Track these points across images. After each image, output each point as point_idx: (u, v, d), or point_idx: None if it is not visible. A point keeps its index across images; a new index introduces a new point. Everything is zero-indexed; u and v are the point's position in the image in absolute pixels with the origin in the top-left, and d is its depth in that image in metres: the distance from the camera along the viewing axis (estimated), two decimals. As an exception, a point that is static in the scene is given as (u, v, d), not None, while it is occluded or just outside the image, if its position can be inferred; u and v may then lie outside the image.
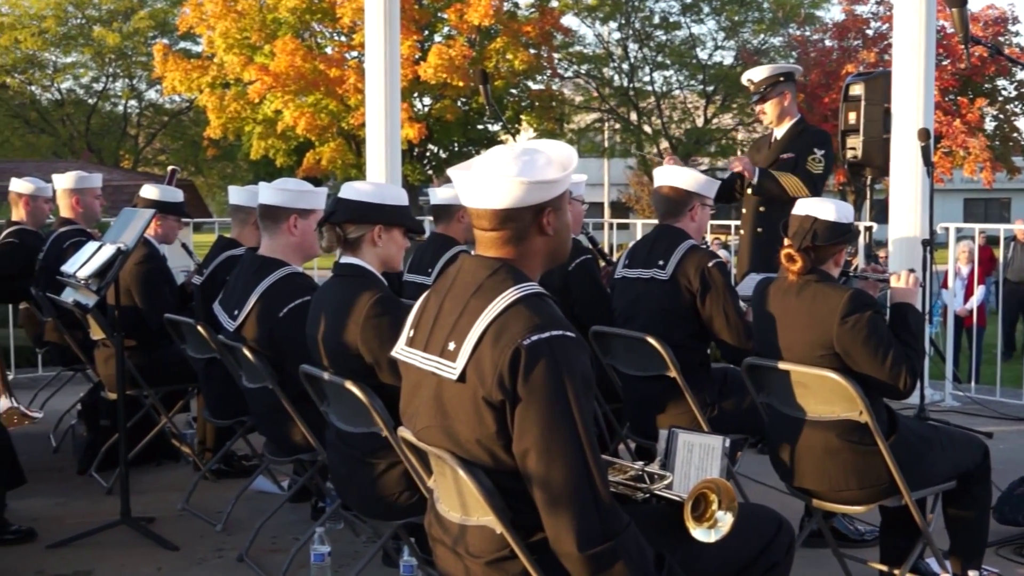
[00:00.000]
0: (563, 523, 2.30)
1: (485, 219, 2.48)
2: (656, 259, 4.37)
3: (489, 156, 2.51)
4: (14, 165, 24.24)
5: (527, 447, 2.32)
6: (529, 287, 2.43)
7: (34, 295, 5.93)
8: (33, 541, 4.52)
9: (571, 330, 2.38)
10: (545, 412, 2.30)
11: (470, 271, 2.51)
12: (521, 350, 2.30)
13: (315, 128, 23.93)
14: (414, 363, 2.56)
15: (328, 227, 3.59)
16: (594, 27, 29.76)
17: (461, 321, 2.43)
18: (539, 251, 2.52)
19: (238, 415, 4.76)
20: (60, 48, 35.17)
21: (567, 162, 2.52)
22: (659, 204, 4.51)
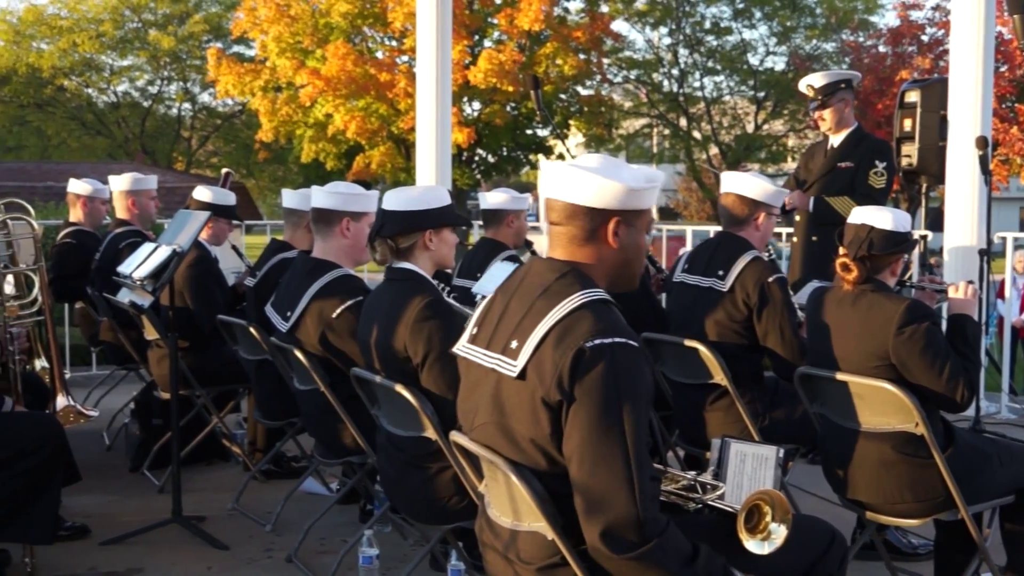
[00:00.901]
0: (596, 529, 2.27)
1: (554, 211, 2.51)
2: (716, 268, 4.31)
3: (583, 156, 2.54)
4: (70, 166, 24.67)
5: (572, 448, 2.31)
6: (596, 293, 2.43)
7: (90, 295, 6.01)
8: (86, 538, 4.58)
9: (635, 339, 2.37)
10: (594, 415, 2.29)
11: (539, 273, 2.52)
12: (583, 351, 2.30)
13: (365, 132, 24.10)
14: (475, 360, 2.57)
15: (380, 241, 3.61)
16: (644, 32, 29.85)
17: (525, 321, 2.44)
18: (605, 261, 2.51)
19: (288, 416, 4.79)
20: (116, 51, 35.75)
21: (651, 179, 2.52)
22: (723, 212, 4.45)
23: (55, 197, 19.27)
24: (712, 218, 29.80)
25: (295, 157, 27.93)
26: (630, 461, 2.27)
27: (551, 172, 2.51)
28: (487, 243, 5.43)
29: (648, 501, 2.28)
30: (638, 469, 2.28)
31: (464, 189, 25.95)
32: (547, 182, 2.52)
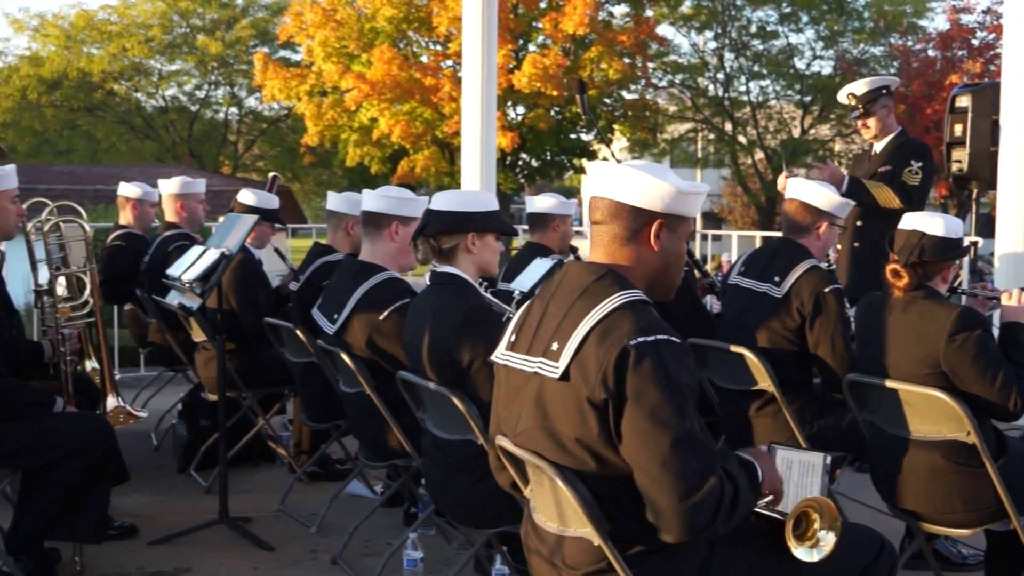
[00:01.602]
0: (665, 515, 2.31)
1: (598, 210, 2.52)
2: (772, 274, 4.28)
3: (633, 162, 2.56)
4: (119, 170, 24.98)
5: (630, 447, 2.32)
6: (634, 293, 2.44)
7: (139, 297, 6.08)
8: (135, 537, 4.63)
9: (676, 335, 2.38)
10: (647, 412, 2.30)
11: (575, 276, 2.53)
12: (628, 350, 2.31)
13: (410, 136, 24.18)
14: (516, 366, 2.57)
15: (422, 240, 3.63)
16: (690, 36, 29.70)
17: (565, 323, 2.44)
18: (645, 264, 2.51)
19: (334, 419, 4.82)
20: (165, 56, 36.16)
21: (697, 188, 2.53)
22: (786, 218, 4.41)
23: (104, 200, 19.53)
24: (756, 224, 29.61)
25: (340, 161, 28.08)
26: (684, 451, 2.29)
27: (599, 170, 2.53)
28: (532, 247, 5.43)
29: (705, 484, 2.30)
30: (693, 453, 2.30)
31: (508, 193, 25.97)
32: (594, 180, 2.54)
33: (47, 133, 35.74)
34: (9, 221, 4.11)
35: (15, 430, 3.96)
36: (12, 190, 4.13)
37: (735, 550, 2.51)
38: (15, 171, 4.22)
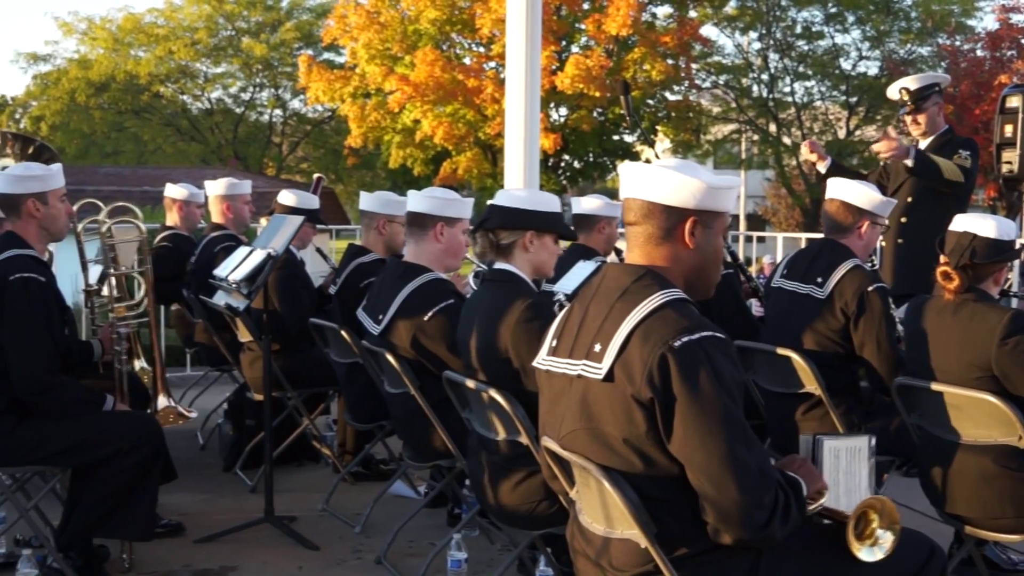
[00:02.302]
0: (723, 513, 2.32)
1: (632, 211, 2.52)
2: (815, 275, 4.24)
3: (664, 158, 2.55)
4: (166, 171, 25.28)
5: (681, 446, 2.32)
6: (675, 292, 2.44)
7: (186, 297, 6.14)
8: (182, 535, 4.68)
9: (719, 332, 2.38)
10: (697, 411, 2.30)
11: (614, 278, 2.52)
12: (673, 351, 2.31)
13: (452, 137, 24.24)
14: (558, 371, 2.57)
15: (481, 233, 3.64)
16: (734, 37, 29.43)
17: (607, 324, 2.44)
18: (682, 262, 2.50)
19: (378, 419, 4.84)
20: (211, 59, 36.50)
21: (728, 182, 2.52)
22: (827, 218, 4.38)
23: (151, 201, 19.74)
24: (800, 226, 29.35)
25: (383, 162, 28.21)
26: (739, 448, 2.30)
27: (629, 171, 2.53)
28: (577, 249, 5.42)
29: (764, 475, 2.32)
30: (747, 449, 2.31)
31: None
32: (625, 181, 2.54)
33: (95, 135, 36.21)
34: (60, 220, 4.16)
35: (66, 428, 4.01)
36: (60, 189, 4.18)
37: (783, 554, 2.48)
38: (62, 170, 4.28)
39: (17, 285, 3.87)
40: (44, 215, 4.09)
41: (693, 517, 2.39)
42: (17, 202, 4.06)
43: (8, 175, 4.12)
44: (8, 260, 3.94)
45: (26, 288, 3.89)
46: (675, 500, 2.39)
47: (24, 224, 4.07)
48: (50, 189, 4.11)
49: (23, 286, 3.88)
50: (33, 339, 3.88)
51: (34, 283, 3.92)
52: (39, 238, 4.11)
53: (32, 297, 3.90)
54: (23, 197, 4.05)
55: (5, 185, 4.07)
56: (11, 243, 4.03)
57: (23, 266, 3.93)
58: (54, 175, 4.17)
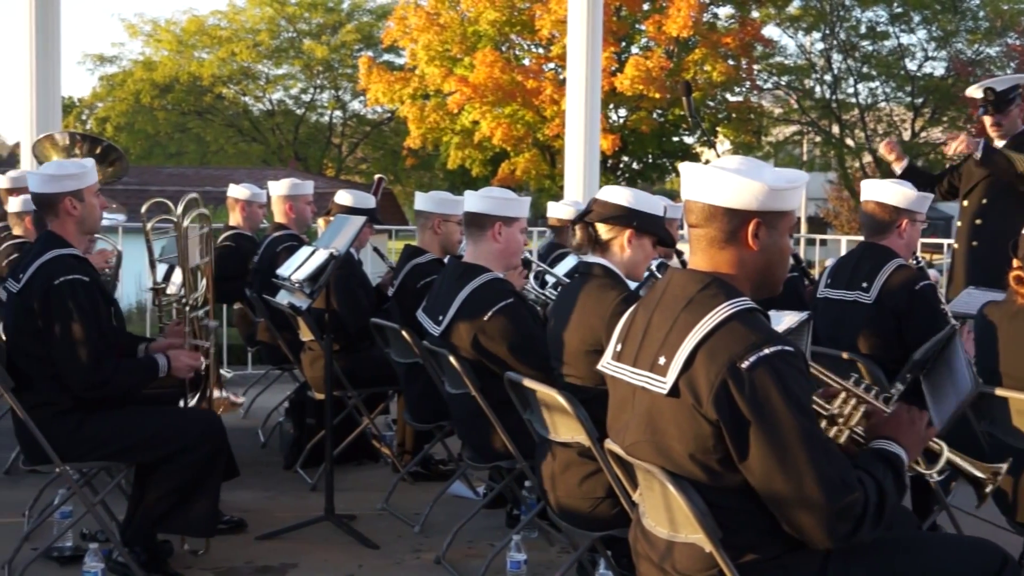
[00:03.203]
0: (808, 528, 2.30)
1: (693, 213, 2.48)
2: (860, 280, 4.19)
3: (724, 158, 2.51)
4: (227, 172, 25.58)
5: (755, 465, 2.28)
6: (741, 302, 2.39)
7: (248, 296, 6.20)
8: (244, 532, 4.71)
9: (789, 343, 2.33)
10: (771, 430, 2.26)
11: (680, 285, 2.48)
12: (741, 372, 2.27)
13: (511, 139, 24.26)
14: (622, 378, 2.55)
15: (581, 225, 3.63)
16: (796, 37, 29.12)
17: (672, 336, 2.40)
18: (747, 265, 2.46)
19: (437, 419, 4.85)
20: (272, 60, 36.88)
21: (793, 179, 2.47)
22: (865, 221, 4.33)
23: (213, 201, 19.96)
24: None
25: (441, 163, 28.32)
26: (820, 463, 2.26)
27: (690, 173, 2.49)
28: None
29: (847, 492, 2.27)
30: (828, 463, 2.27)
31: (608, 196, 25.82)
32: (686, 183, 2.49)
33: (159, 136, 36.74)
34: (95, 215, 4.19)
35: (131, 425, 4.07)
36: (95, 185, 4.20)
37: (851, 560, 2.45)
38: (95, 167, 4.32)
39: (63, 289, 3.92)
40: (80, 212, 4.12)
41: (759, 524, 2.36)
42: (54, 201, 4.09)
43: (44, 175, 4.15)
44: (51, 262, 3.98)
45: (72, 291, 3.93)
46: (741, 508, 2.37)
47: (62, 222, 4.11)
48: (85, 186, 4.14)
49: (69, 289, 3.93)
50: (83, 338, 3.92)
51: (78, 284, 3.96)
52: (77, 234, 4.14)
53: (78, 299, 3.94)
54: (60, 196, 4.08)
55: (42, 185, 4.11)
56: (51, 243, 4.07)
57: (66, 267, 3.97)
58: (88, 171, 4.19)
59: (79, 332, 3.91)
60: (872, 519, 2.31)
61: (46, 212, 4.15)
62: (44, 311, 3.92)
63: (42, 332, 3.93)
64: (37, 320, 3.93)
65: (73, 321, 3.91)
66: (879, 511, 2.32)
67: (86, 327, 3.93)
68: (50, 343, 3.92)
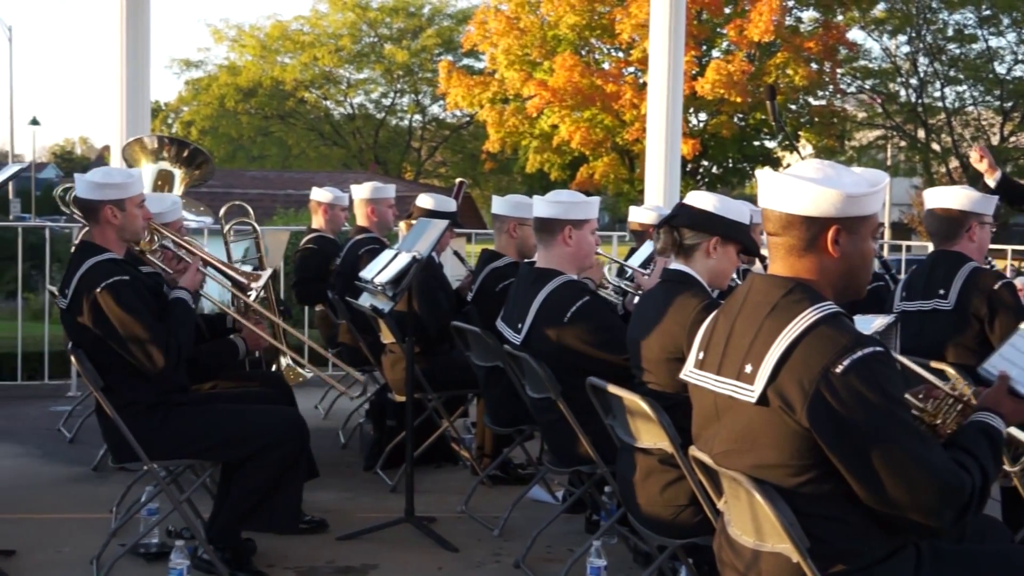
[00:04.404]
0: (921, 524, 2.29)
1: (771, 222, 2.44)
2: (936, 288, 4.10)
3: (800, 164, 2.46)
4: (309, 175, 25.95)
5: (865, 467, 2.25)
6: (827, 307, 2.34)
7: (330, 298, 6.26)
8: (325, 532, 4.75)
9: (879, 344, 2.29)
10: (877, 431, 2.23)
11: (762, 291, 2.44)
12: (834, 378, 2.23)
13: (590, 143, 24.22)
14: (706, 386, 2.51)
15: (666, 230, 3.60)
16: (881, 41, 28.60)
17: (757, 343, 2.36)
18: (828, 272, 2.41)
19: (518, 423, 4.84)
20: (354, 65, 37.35)
21: (873, 183, 2.41)
22: (932, 227, 4.26)
23: (295, 204, 20.28)
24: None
25: (520, 167, 28.39)
26: (924, 455, 2.24)
27: (766, 181, 2.45)
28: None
29: (952, 478, 2.26)
30: (933, 457, 2.26)
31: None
32: (763, 192, 2.45)
33: (242, 140, 37.40)
34: (136, 225, 4.24)
35: (216, 423, 4.14)
36: (139, 196, 4.25)
37: (944, 568, 2.41)
38: (141, 177, 4.38)
39: (107, 293, 3.99)
40: (121, 221, 4.17)
41: (849, 533, 2.32)
42: (96, 207, 4.15)
43: (89, 181, 4.21)
44: (90, 271, 4.05)
45: (115, 292, 3.99)
46: (830, 516, 2.33)
47: (102, 229, 4.17)
48: (128, 196, 4.18)
49: (113, 293, 3.99)
50: (143, 331, 3.98)
51: (119, 284, 4.02)
52: (116, 241, 4.20)
53: (123, 298, 4.00)
54: (102, 203, 4.14)
55: (85, 191, 4.18)
56: (88, 252, 4.13)
57: (105, 272, 4.03)
58: (134, 182, 4.25)
59: (137, 328, 3.98)
60: (977, 502, 2.31)
61: (87, 217, 4.24)
62: (96, 321, 3.99)
63: (103, 339, 4.00)
64: (93, 331, 4.00)
65: (128, 320, 3.97)
66: (983, 492, 2.33)
67: (143, 321, 3.99)
68: (117, 346, 4.00)
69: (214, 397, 4.42)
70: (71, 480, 5.65)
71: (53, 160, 65.59)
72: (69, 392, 7.83)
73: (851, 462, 2.26)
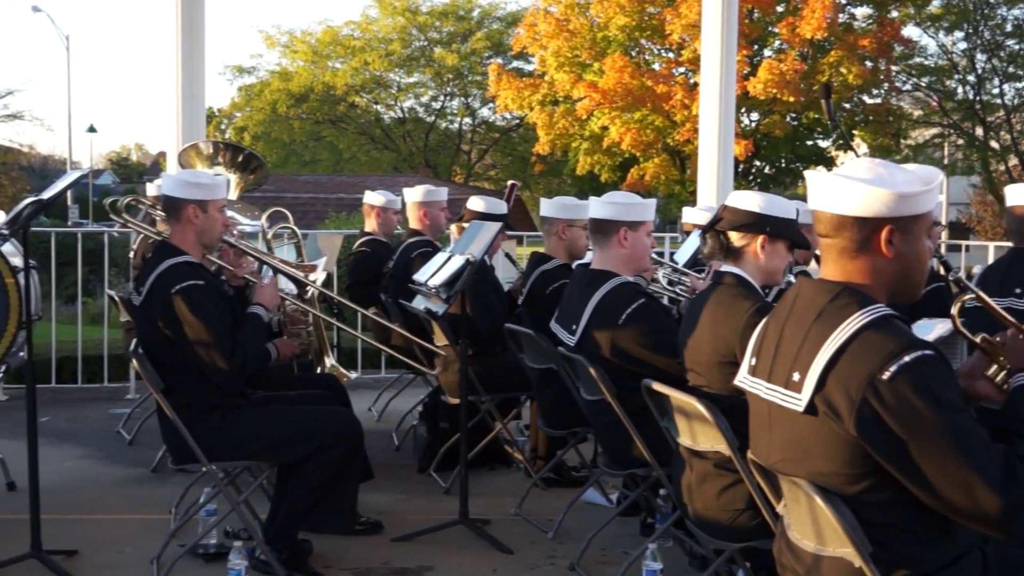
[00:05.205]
0: (984, 528, 2.23)
1: (822, 223, 2.40)
2: (1012, 287, 4.02)
3: (850, 164, 2.42)
4: (360, 179, 26.11)
5: (922, 474, 2.20)
6: (875, 310, 2.29)
7: (383, 301, 6.28)
8: (380, 533, 4.77)
9: (929, 347, 2.23)
10: (930, 437, 2.17)
11: (808, 296, 2.41)
12: (881, 385, 2.18)
13: (640, 144, 24.14)
14: (758, 393, 2.49)
15: (711, 234, 3.57)
16: (937, 37, 28.19)
17: (804, 350, 2.33)
18: (881, 273, 2.37)
19: (572, 426, 4.83)
20: (404, 69, 37.52)
21: (927, 180, 2.37)
22: (1012, 225, 4.17)
23: (346, 208, 20.43)
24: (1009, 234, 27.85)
25: (570, 169, 28.37)
26: (982, 459, 2.17)
27: (815, 182, 2.41)
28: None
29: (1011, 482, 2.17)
30: (990, 460, 2.17)
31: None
32: (812, 193, 2.41)
33: (294, 144, 37.72)
34: (215, 230, 4.29)
35: (273, 425, 4.18)
36: (221, 200, 4.30)
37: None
38: (225, 183, 4.42)
39: (181, 297, 4.03)
40: (201, 223, 4.22)
41: (912, 540, 2.29)
42: (179, 206, 4.21)
43: (175, 178, 4.28)
44: (165, 272, 4.10)
45: (189, 297, 4.04)
46: (892, 523, 2.29)
47: (182, 229, 4.22)
48: (211, 199, 4.23)
49: (186, 296, 4.04)
50: (211, 337, 4.03)
51: (193, 289, 4.07)
52: (195, 245, 4.24)
53: (196, 303, 4.05)
54: (185, 202, 4.19)
55: (171, 188, 4.23)
56: (166, 253, 4.18)
57: (180, 275, 4.08)
58: (218, 186, 4.30)
59: (206, 334, 4.03)
60: None
61: (169, 215, 4.28)
62: (167, 322, 4.05)
63: (172, 340, 4.06)
64: (164, 331, 4.06)
65: (198, 325, 4.03)
66: None
67: (212, 327, 4.04)
68: (184, 349, 4.05)
69: (271, 399, 4.46)
70: (131, 481, 5.73)
71: (109, 166, 66.68)
72: (128, 395, 7.95)
73: (907, 470, 2.21)
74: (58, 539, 4.45)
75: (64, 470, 5.91)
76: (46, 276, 7.70)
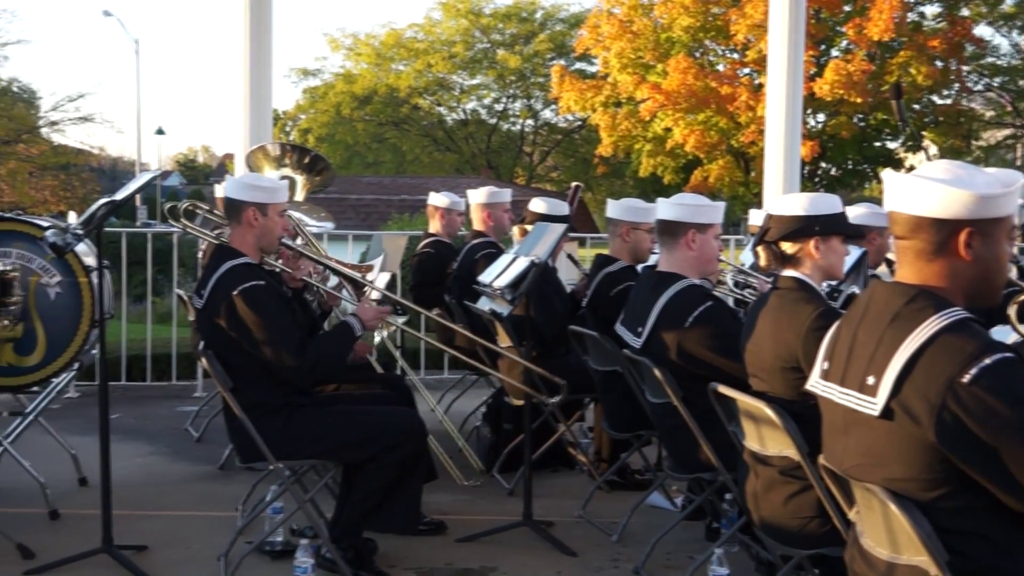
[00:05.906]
0: None
1: (898, 224, 2.36)
2: None
3: (929, 165, 2.37)
4: (422, 181, 26.28)
5: (1006, 481, 2.15)
6: (952, 313, 2.24)
7: (447, 302, 6.30)
8: (444, 534, 4.78)
9: (1010, 349, 2.18)
10: (1013, 441, 2.11)
11: (883, 299, 2.36)
12: (961, 389, 2.13)
13: (704, 145, 24.00)
14: (832, 398, 2.45)
15: (763, 247, 3.53)
16: (1010, 36, 27.64)
17: (879, 354, 2.28)
18: (959, 276, 2.31)
19: (636, 428, 4.80)
20: (466, 71, 37.70)
21: (1008, 183, 2.30)
22: None
23: (409, 209, 20.56)
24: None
25: (632, 171, 28.31)
26: None
27: (893, 183, 2.36)
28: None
29: None
30: None
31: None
32: (889, 193, 2.37)
33: (357, 146, 38.06)
34: (274, 234, 4.31)
35: (339, 424, 4.20)
36: (282, 204, 4.33)
37: None
38: (287, 187, 4.45)
39: (242, 298, 4.07)
40: (261, 226, 4.24)
41: (990, 548, 2.23)
42: (240, 208, 4.24)
43: (236, 181, 4.31)
44: (226, 275, 4.13)
45: (251, 297, 4.07)
46: (969, 531, 2.23)
47: (242, 231, 4.26)
48: (271, 202, 4.26)
49: (248, 297, 4.07)
50: (278, 335, 4.06)
51: (255, 289, 4.10)
52: (254, 247, 4.27)
53: (258, 302, 4.08)
54: (246, 204, 4.22)
55: (232, 190, 4.28)
56: (225, 256, 4.22)
57: (240, 277, 4.11)
58: (279, 190, 4.33)
59: (272, 332, 4.06)
60: None
61: (230, 217, 4.33)
62: (231, 323, 4.08)
63: (236, 341, 4.09)
64: (227, 333, 4.10)
65: (263, 324, 4.06)
66: None
67: (276, 324, 4.08)
68: (250, 348, 4.08)
69: (337, 399, 4.50)
70: (198, 478, 5.81)
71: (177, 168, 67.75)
72: (195, 393, 8.06)
73: (991, 475, 2.16)
74: (128, 534, 4.52)
75: (133, 466, 6.01)
76: (116, 275, 7.83)
